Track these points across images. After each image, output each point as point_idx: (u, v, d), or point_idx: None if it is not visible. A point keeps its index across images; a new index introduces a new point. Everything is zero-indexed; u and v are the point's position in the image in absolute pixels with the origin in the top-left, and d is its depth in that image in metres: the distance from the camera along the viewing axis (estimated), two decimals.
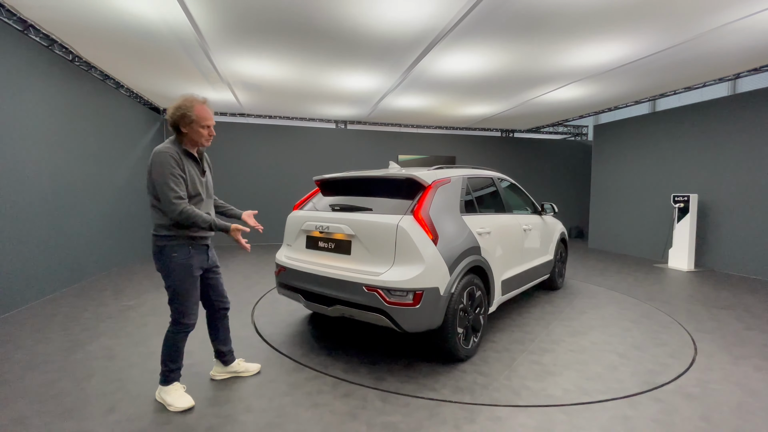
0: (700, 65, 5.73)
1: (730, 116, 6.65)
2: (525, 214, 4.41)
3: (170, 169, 2.16)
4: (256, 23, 4.32)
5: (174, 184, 2.16)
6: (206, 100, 2.32)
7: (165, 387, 2.38)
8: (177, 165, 2.20)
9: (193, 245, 2.34)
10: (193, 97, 2.27)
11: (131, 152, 6.89)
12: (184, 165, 2.24)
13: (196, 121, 2.24)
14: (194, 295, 2.36)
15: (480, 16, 4.11)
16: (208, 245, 2.47)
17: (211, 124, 2.31)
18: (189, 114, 2.22)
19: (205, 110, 2.28)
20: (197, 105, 2.25)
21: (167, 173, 2.16)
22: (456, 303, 2.84)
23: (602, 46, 4.93)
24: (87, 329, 3.60)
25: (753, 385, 2.70)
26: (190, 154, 2.32)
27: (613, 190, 8.97)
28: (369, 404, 2.41)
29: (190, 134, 2.28)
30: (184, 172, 2.23)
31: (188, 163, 2.28)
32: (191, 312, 2.36)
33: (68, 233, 5.01)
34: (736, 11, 4.01)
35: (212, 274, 2.54)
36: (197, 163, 2.37)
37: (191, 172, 2.29)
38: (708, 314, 4.28)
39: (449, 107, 8.34)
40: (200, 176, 2.37)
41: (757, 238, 6.23)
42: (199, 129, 2.26)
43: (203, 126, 2.28)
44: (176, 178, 2.18)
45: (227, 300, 2.66)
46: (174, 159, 2.19)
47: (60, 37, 4.75)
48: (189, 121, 2.23)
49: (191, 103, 2.24)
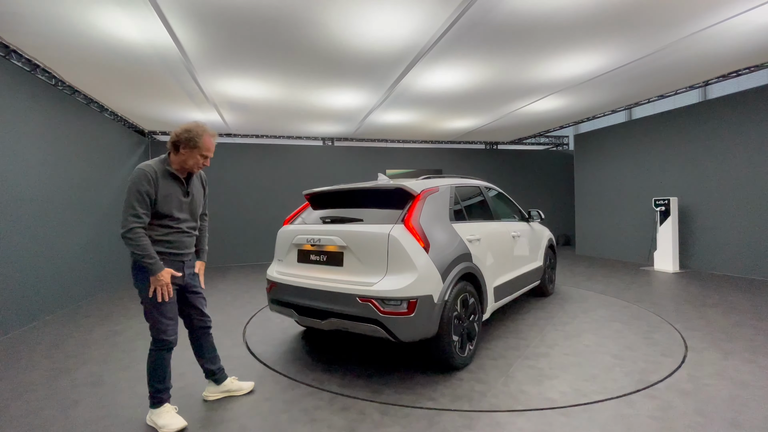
0: (671, 74, 5.99)
1: (702, 121, 6.93)
2: (513, 222, 4.48)
3: (138, 186, 2.17)
4: (242, 44, 4.39)
5: (135, 202, 2.16)
6: (216, 134, 2.41)
7: (155, 410, 2.31)
8: (148, 183, 2.19)
9: (165, 261, 2.29)
10: (206, 128, 2.33)
11: (116, 175, 6.81)
12: (158, 185, 2.23)
13: (198, 149, 2.30)
14: (169, 311, 2.30)
15: (460, 32, 4.26)
16: (183, 261, 2.40)
17: (210, 156, 2.38)
18: (196, 140, 2.27)
19: (211, 143, 2.35)
20: (206, 136, 2.32)
21: (134, 190, 2.17)
22: (450, 310, 2.85)
23: (578, 58, 5.13)
24: (72, 356, 3.49)
25: (743, 378, 2.75)
26: (174, 176, 2.32)
27: (597, 197, 9.18)
28: (367, 417, 2.38)
29: (186, 157, 2.30)
30: (155, 193, 2.21)
31: (167, 183, 2.28)
32: (168, 328, 2.29)
33: (52, 259, 4.88)
34: (701, 21, 4.24)
35: (190, 293, 2.48)
36: (181, 184, 2.36)
37: (168, 192, 2.28)
38: (696, 313, 4.36)
39: (434, 122, 8.51)
40: (182, 196, 2.36)
41: (736, 237, 6.42)
42: (198, 156, 2.31)
43: (203, 155, 2.33)
44: (141, 196, 2.16)
45: (208, 318, 2.59)
46: (148, 177, 2.19)
47: (43, 62, 4.74)
48: (192, 146, 2.27)
49: (202, 131, 2.30)
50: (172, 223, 2.31)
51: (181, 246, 2.37)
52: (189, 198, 2.41)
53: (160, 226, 2.28)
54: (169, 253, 2.32)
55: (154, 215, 2.26)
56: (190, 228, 2.43)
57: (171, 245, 2.32)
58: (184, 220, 2.38)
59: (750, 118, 6.26)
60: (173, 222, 2.32)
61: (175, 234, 2.34)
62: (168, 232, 2.31)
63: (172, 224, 2.32)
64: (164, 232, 2.29)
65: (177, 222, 2.34)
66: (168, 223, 2.30)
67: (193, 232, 2.47)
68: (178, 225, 2.34)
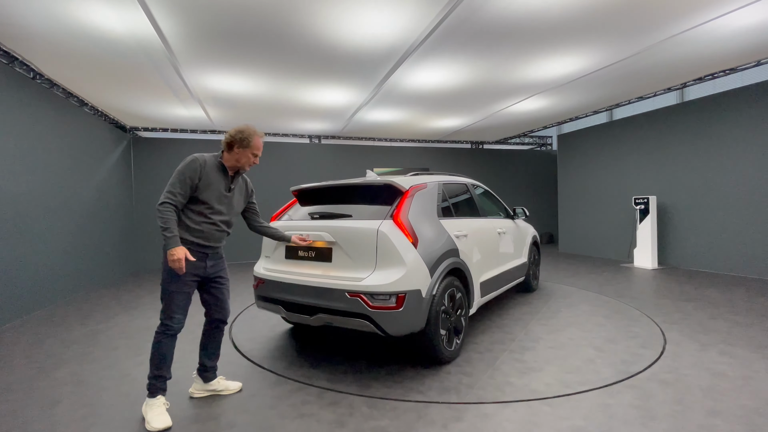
0: (650, 76, 6.16)
1: (679, 122, 7.15)
2: (499, 219, 4.54)
3: (184, 168, 2.34)
4: (227, 38, 4.33)
5: (177, 182, 2.31)
6: (264, 135, 2.60)
7: (150, 399, 2.33)
8: (197, 170, 2.34)
9: (190, 250, 2.35)
10: (256, 129, 2.53)
11: (96, 171, 6.64)
12: (205, 171, 2.37)
13: (250, 148, 2.48)
14: (180, 299, 2.37)
15: (447, 31, 4.30)
16: (207, 254, 2.46)
17: (259, 155, 2.57)
18: (249, 139, 2.46)
19: (261, 143, 2.55)
20: (257, 137, 2.51)
21: (179, 170, 2.34)
22: (438, 305, 2.88)
23: (561, 59, 5.23)
24: (52, 356, 3.39)
25: (720, 368, 2.86)
26: (223, 169, 2.47)
27: (579, 195, 9.37)
28: (356, 411, 2.39)
29: (239, 155, 2.47)
30: (200, 178, 2.35)
31: (214, 174, 2.42)
32: (175, 315, 2.36)
33: (30, 257, 4.74)
34: (678, 25, 4.38)
35: (214, 284, 2.55)
36: (227, 179, 2.50)
37: (212, 181, 2.41)
38: (674, 307, 4.50)
39: (421, 120, 8.55)
40: (224, 190, 2.48)
41: (711, 235, 6.65)
42: (249, 155, 2.50)
43: (254, 154, 2.52)
44: (184, 178, 2.32)
45: (226, 311, 2.63)
46: (197, 164, 2.35)
47: (21, 54, 4.59)
48: (246, 145, 2.45)
49: (254, 133, 2.50)
50: (207, 212, 2.41)
51: (210, 238, 2.44)
52: (231, 193, 2.52)
53: (196, 213, 2.39)
54: (195, 243, 2.39)
55: (194, 200, 2.38)
56: (222, 223, 2.50)
57: (200, 235, 2.39)
58: (219, 212, 2.46)
59: (725, 120, 6.48)
60: (209, 211, 2.41)
61: (206, 225, 2.41)
62: (201, 221, 2.40)
63: (208, 213, 2.41)
64: (198, 221, 2.39)
65: (212, 212, 2.43)
66: (204, 211, 2.40)
67: (226, 228, 2.54)
68: (212, 216, 2.43)
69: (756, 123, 6.08)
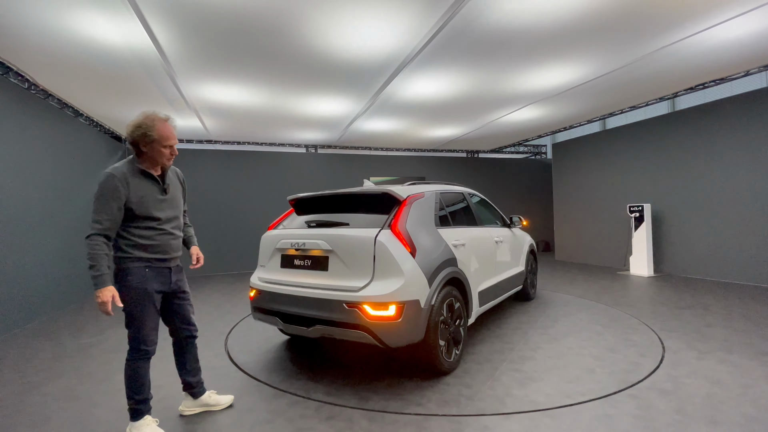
0: (642, 86, 6.25)
1: (671, 131, 7.24)
2: (496, 227, 4.55)
3: (102, 191, 2.07)
4: (224, 48, 4.35)
5: (102, 210, 2.06)
6: (169, 117, 2.24)
7: (135, 422, 2.21)
8: (117, 188, 2.07)
9: (150, 267, 2.20)
10: (155, 115, 2.16)
11: (90, 182, 6.59)
12: (130, 186, 2.11)
13: (157, 141, 2.14)
14: (152, 320, 2.21)
15: (442, 42, 4.34)
16: (170, 268, 2.30)
17: (173, 143, 2.22)
18: (150, 133, 2.12)
19: (167, 128, 2.18)
20: (159, 123, 2.15)
21: (98, 195, 2.07)
22: (437, 315, 2.86)
23: (555, 69, 5.30)
24: (43, 370, 3.32)
25: (719, 376, 2.85)
26: (147, 174, 2.20)
27: (574, 203, 9.43)
28: (355, 425, 2.35)
29: (150, 154, 2.17)
30: (128, 195, 2.10)
31: (141, 183, 2.16)
32: (149, 338, 2.21)
33: (20, 269, 4.66)
34: (669, 36, 4.45)
35: (177, 299, 2.39)
36: (157, 182, 2.25)
37: (143, 192, 2.16)
38: (671, 314, 4.51)
39: (417, 130, 8.60)
40: (160, 194, 2.25)
41: (706, 242, 6.69)
42: (160, 149, 2.17)
43: (165, 146, 2.18)
44: (107, 205, 2.06)
45: (194, 327, 2.49)
46: (115, 182, 2.07)
47: (16, 65, 4.58)
48: (150, 141, 2.13)
49: (152, 122, 2.13)
50: (154, 224, 2.20)
51: (167, 249, 2.27)
52: (167, 195, 2.28)
53: (142, 228, 2.17)
54: (155, 259, 2.23)
55: (133, 218, 2.15)
56: (174, 228, 2.31)
57: (156, 250, 2.22)
58: (167, 219, 2.26)
59: (716, 128, 6.57)
60: (155, 223, 2.21)
61: (159, 236, 2.22)
62: (152, 234, 2.20)
63: (155, 225, 2.21)
64: (149, 235, 2.19)
65: (159, 222, 2.22)
66: (150, 224, 2.19)
67: (178, 232, 2.36)
68: (161, 226, 2.23)
69: (746, 131, 6.16)
